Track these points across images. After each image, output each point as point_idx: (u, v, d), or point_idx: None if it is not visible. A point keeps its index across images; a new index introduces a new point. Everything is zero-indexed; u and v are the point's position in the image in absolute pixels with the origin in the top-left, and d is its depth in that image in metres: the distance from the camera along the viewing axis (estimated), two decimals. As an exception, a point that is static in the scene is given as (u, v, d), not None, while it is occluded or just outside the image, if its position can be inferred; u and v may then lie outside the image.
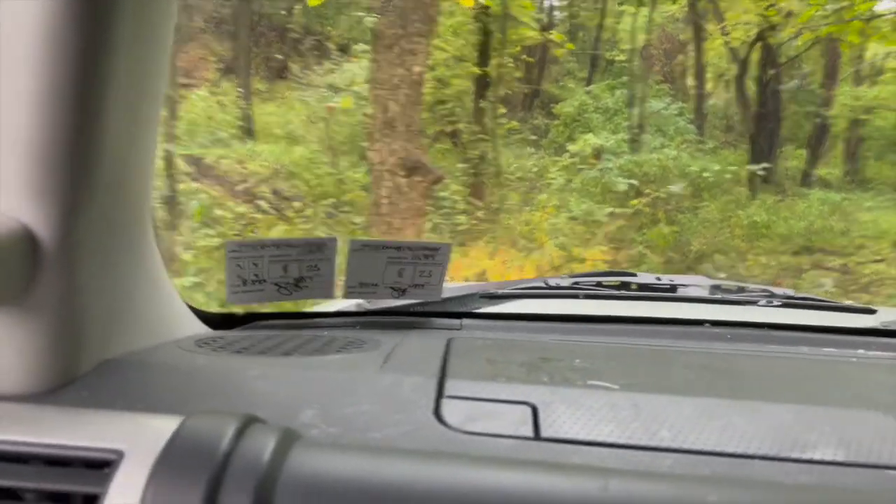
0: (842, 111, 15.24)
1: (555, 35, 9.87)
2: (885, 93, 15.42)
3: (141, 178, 0.68)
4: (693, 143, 11.92)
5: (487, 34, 9.62)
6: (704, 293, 1.32)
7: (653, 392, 0.66)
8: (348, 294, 0.98)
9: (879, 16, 8.39)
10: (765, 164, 11.53)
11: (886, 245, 9.78)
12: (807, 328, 1.07)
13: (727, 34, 12.78)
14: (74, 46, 0.53)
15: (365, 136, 4.01)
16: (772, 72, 13.25)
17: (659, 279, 1.37)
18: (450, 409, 0.60)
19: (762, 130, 13.27)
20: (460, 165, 9.64)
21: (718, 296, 1.30)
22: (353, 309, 1.22)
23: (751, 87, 14.08)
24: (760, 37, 12.60)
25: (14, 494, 0.48)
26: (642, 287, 1.33)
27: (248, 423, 0.50)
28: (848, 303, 1.37)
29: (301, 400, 0.61)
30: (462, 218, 8.20)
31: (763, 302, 1.22)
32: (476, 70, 9.48)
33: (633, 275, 1.42)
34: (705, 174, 10.18)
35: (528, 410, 0.60)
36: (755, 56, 13.31)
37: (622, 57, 16.06)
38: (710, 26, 13.73)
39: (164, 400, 0.62)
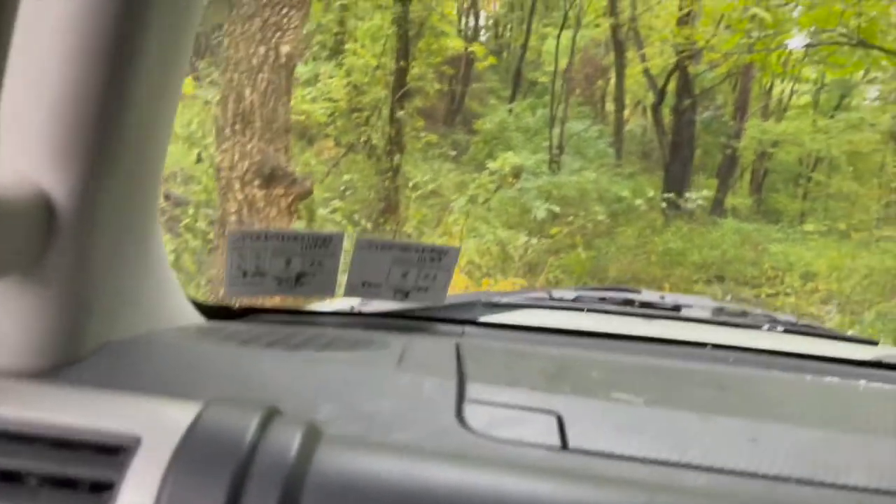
0: (750, 143, 15.43)
1: (476, 47, 9.19)
2: (791, 128, 15.72)
3: (158, 155, 0.64)
4: (611, 167, 11.50)
5: (406, 41, 8.85)
6: (707, 314, 1.30)
7: (677, 409, 0.63)
8: (349, 293, 0.94)
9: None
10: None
11: (795, 278, 9.59)
12: (809, 357, 1.03)
13: (646, 61, 12.51)
14: (110, 8, 0.50)
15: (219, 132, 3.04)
16: (687, 101, 13.13)
17: (663, 297, 1.33)
18: (473, 413, 0.56)
19: (676, 158, 13.10)
20: (349, 178, 8.81)
21: (722, 318, 1.28)
22: (347, 310, 1.13)
23: (667, 116, 13.96)
24: (679, 65, 12.43)
25: (15, 477, 0.44)
26: (645, 305, 1.31)
27: (271, 414, 0.46)
28: (850, 333, 1.39)
29: (319, 393, 0.57)
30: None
31: (766, 327, 1.22)
32: (394, 63, 8.67)
33: (638, 291, 1.40)
34: (642, 200, 9.62)
35: (554, 419, 0.56)
36: (672, 85, 13.15)
37: (545, 78, 15.70)
38: (631, 53, 13.54)
39: (173, 386, 0.56)
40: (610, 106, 15.51)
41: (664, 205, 11.41)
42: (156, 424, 0.44)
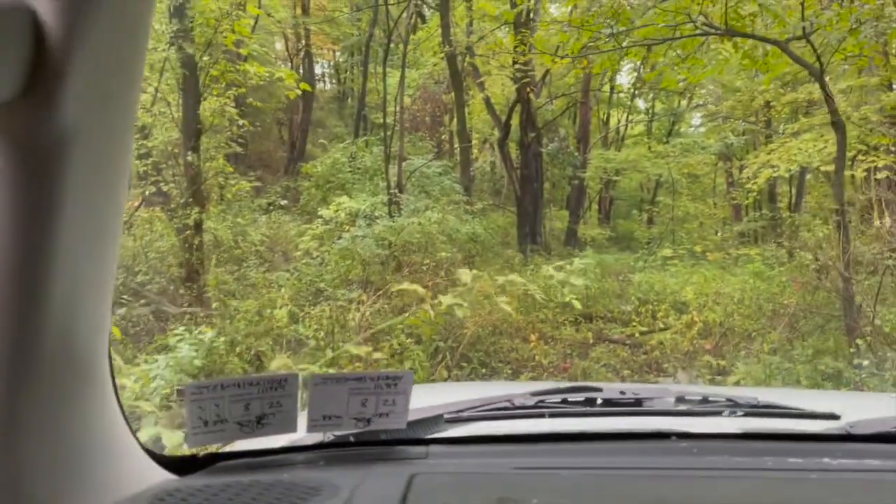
0: (596, 173, 14.46)
1: (285, 73, 7.11)
2: (632, 155, 14.96)
3: (93, 327, 0.62)
4: (460, 204, 9.72)
5: (193, 68, 6.60)
6: (669, 405, 1.27)
7: None
8: (312, 428, 0.92)
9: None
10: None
11: (667, 310, 8.16)
12: (771, 436, 1.02)
13: (485, 90, 10.98)
14: (15, 209, 0.48)
15: None
16: (532, 134, 11.81)
17: (623, 393, 1.32)
18: None
19: (527, 192, 11.69)
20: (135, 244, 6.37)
21: (683, 408, 1.25)
22: (317, 440, 1.06)
23: (514, 150, 12.63)
24: (520, 97, 11.09)
25: None
26: (607, 402, 1.29)
27: None
28: (810, 410, 1.21)
29: None
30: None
31: (727, 413, 1.20)
32: (180, 96, 6.37)
33: (599, 389, 1.39)
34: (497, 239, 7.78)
35: None
36: (516, 120, 11.80)
37: (388, 118, 13.97)
38: (474, 91, 12.13)
39: None
40: (457, 144, 13.96)
41: (521, 240, 9.96)
42: None
